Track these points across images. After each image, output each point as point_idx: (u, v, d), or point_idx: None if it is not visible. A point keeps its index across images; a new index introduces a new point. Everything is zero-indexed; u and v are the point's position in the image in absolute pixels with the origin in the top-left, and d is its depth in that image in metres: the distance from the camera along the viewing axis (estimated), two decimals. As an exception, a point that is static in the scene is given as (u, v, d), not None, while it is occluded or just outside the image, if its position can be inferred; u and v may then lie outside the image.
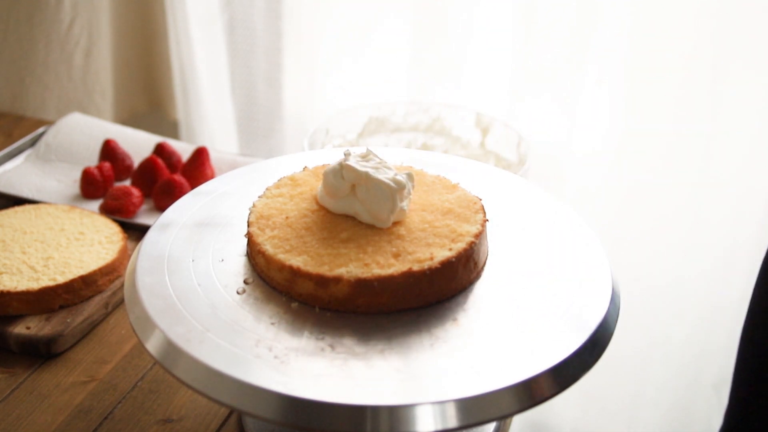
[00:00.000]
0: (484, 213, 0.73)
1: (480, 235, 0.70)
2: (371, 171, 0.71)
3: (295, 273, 0.66)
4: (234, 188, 0.82)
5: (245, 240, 0.73)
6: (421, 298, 0.67)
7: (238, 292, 0.68)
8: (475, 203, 0.74)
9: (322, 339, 0.63)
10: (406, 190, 0.71)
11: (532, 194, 0.81)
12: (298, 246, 0.69)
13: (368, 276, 0.65)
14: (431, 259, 0.67)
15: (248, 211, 0.74)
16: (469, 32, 1.41)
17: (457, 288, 0.68)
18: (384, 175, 0.70)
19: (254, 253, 0.70)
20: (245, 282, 0.69)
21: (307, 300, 0.67)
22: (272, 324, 0.65)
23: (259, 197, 0.75)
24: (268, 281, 0.69)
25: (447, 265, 0.67)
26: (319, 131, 1.16)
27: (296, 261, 0.67)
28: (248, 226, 0.72)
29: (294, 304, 0.67)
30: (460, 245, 0.68)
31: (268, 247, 0.69)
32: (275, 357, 0.61)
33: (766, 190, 1.33)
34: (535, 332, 0.64)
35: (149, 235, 0.74)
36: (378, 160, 0.73)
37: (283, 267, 0.67)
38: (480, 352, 0.62)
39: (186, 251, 0.72)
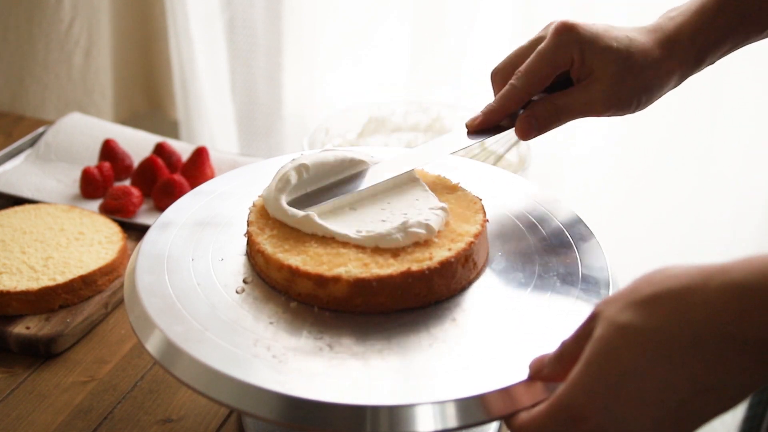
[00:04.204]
0: (484, 213, 0.73)
1: (479, 235, 0.70)
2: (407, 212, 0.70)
3: (294, 272, 0.66)
4: (234, 188, 0.81)
5: (245, 239, 0.73)
6: (420, 298, 0.66)
7: (237, 292, 0.68)
8: (475, 203, 0.74)
9: (321, 339, 0.63)
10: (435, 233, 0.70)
11: (532, 194, 0.81)
12: (297, 245, 0.68)
13: (367, 276, 0.65)
14: (430, 258, 0.67)
15: (248, 211, 0.74)
16: (469, 32, 1.41)
17: (456, 288, 0.68)
18: (417, 217, 0.69)
19: (253, 253, 0.70)
20: (244, 281, 0.69)
21: (305, 299, 0.67)
22: (271, 323, 0.65)
23: (258, 197, 0.75)
24: (267, 281, 0.69)
25: (446, 265, 0.67)
26: (319, 131, 1.16)
27: (295, 260, 0.67)
28: (248, 225, 0.72)
29: (293, 304, 0.67)
30: (459, 245, 0.68)
31: (267, 247, 0.69)
32: (273, 356, 0.61)
33: (766, 190, 1.33)
34: (535, 332, 0.64)
35: (149, 235, 0.74)
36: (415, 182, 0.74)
37: (282, 266, 0.67)
38: (479, 352, 0.62)
39: (186, 251, 0.72)
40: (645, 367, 0.50)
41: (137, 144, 1.16)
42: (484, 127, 0.76)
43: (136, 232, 1.01)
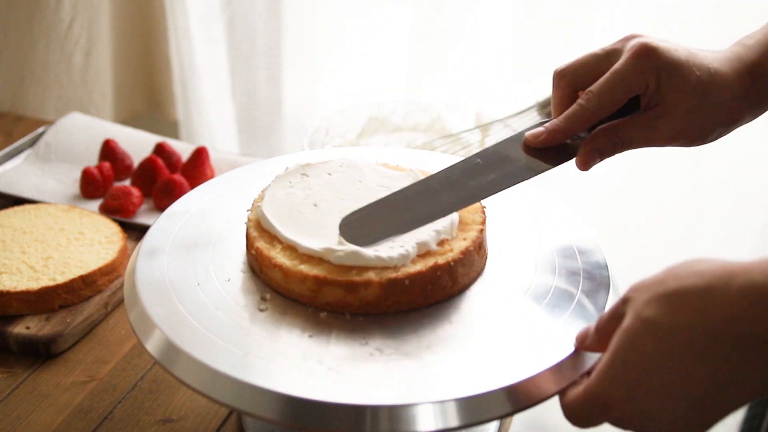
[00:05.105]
0: (483, 209, 0.73)
1: (484, 222, 0.71)
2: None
3: (321, 282, 0.65)
4: (208, 206, 0.78)
5: (244, 255, 0.72)
6: (447, 291, 0.67)
7: (260, 310, 0.66)
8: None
9: (366, 344, 0.63)
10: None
11: (532, 194, 0.81)
12: (314, 255, 0.67)
13: (399, 275, 0.65)
14: (451, 250, 0.67)
15: (245, 227, 0.72)
16: (470, 32, 1.41)
17: (474, 277, 0.69)
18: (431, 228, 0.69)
19: (267, 268, 0.68)
20: (263, 299, 0.67)
21: (335, 307, 0.65)
22: (310, 336, 0.63)
23: (249, 210, 0.73)
24: (286, 294, 0.67)
25: (466, 254, 0.68)
26: (319, 131, 1.16)
27: (319, 270, 0.65)
28: (253, 241, 0.69)
29: (323, 314, 0.65)
30: (471, 234, 0.69)
31: (285, 261, 0.67)
32: (329, 369, 0.60)
33: (766, 190, 1.33)
34: (536, 332, 0.64)
35: (140, 264, 0.71)
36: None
37: (306, 278, 0.65)
38: (480, 352, 0.62)
39: (186, 276, 0.69)
40: (668, 361, 0.52)
41: (137, 144, 1.16)
42: (546, 144, 0.71)
43: (136, 232, 1.01)
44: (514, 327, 0.65)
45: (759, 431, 1.19)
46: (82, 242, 0.95)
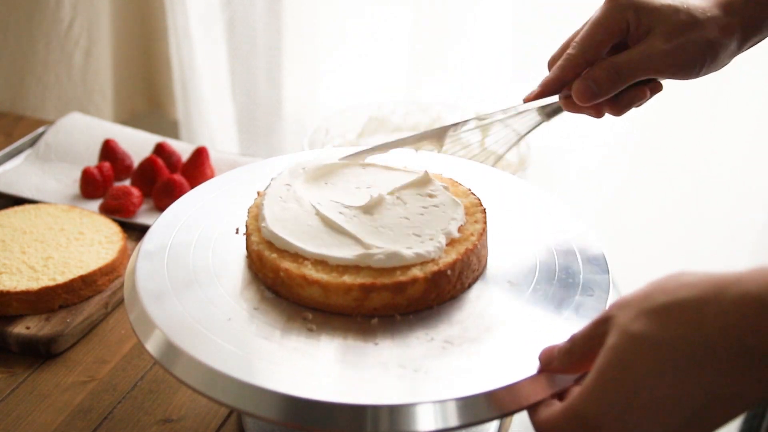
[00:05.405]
0: (462, 184, 0.75)
1: (481, 203, 0.73)
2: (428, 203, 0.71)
3: (369, 289, 0.64)
4: (186, 240, 0.74)
5: (247, 281, 0.70)
6: (477, 274, 0.69)
7: (311, 330, 0.64)
8: (443, 180, 0.77)
9: (432, 339, 0.63)
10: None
11: (532, 194, 0.81)
12: (348, 265, 0.66)
13: (441, 267, 0.65)
14: (472, 235, 0.69)
15: (258, 250, 0.69)
16: (470, 32, 1.41)
17: (485, 262, 0.71)
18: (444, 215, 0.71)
19: (301, 287, 0.66)
20: (305, 319, 0.65)
21: (382, 312, 0.65)
22: (376, 345, 0.63)
23: (247, 235, 0.71)
24: (327, 309, 0.66)
25: (484, 234, 0.70)
26: (319, 131, 1.16)
27: (363, 278, 0.65)
28: (276, 263, 0.67)
29: (374, 320, 0.65)
30: (478, 215, 0.71)
31: (322, 275, 0.65)
32: (415, 371, 0.60)
33: (766, 190, 1.33)
34: (536, 331, 0.64)
35: (152, 310, 0.65)
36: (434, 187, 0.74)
37: (350, 288, 0.64)
38: (480, 351, 0.62)
39: (211, 315, 0.65)
40: (661, 376, 0.50)
41: (137, 144, 1.16)
42: (542, 97, 0.75)
43: (136, 232, 1.01)
44: (514, 327, 0.65)
45: (759, 431, 1.19)
46: (82, 242, 0.95)
